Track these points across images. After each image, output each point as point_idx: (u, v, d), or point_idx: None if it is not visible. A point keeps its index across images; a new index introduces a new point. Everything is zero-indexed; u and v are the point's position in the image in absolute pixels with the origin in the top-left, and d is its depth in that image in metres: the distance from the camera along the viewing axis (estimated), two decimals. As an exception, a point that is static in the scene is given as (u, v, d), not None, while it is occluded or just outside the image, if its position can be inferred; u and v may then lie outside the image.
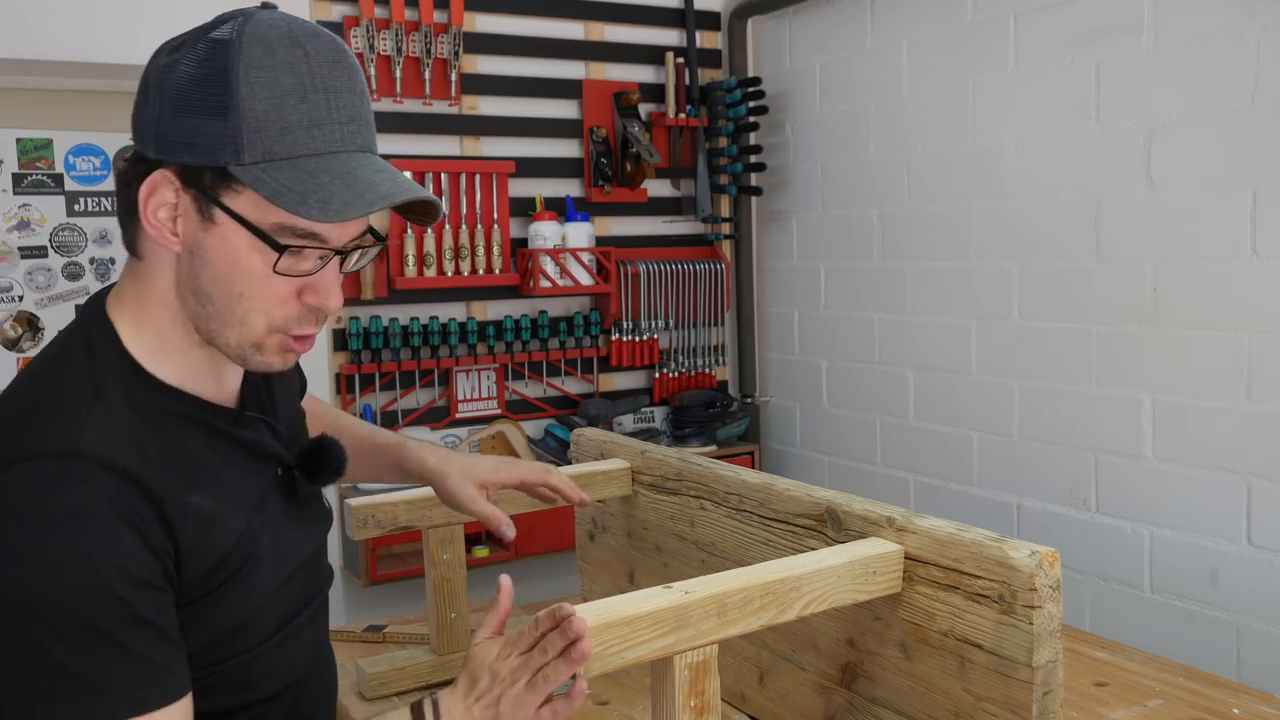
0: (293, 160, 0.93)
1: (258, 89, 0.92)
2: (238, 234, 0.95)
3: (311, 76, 0.95)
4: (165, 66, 0.95)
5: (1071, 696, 1.57)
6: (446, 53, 3.18)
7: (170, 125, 0.94)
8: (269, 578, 1.07)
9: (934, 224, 3.07)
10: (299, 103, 0.94)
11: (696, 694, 1.11)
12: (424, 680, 1.70)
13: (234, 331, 0.99)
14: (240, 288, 0.97)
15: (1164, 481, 2.50)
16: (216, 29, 0.95)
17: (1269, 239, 2.28)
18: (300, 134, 0.94)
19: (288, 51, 0.94)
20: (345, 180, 0.95)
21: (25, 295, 2.96)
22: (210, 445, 1.04)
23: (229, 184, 0.94)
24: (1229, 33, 2.32)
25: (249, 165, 0.92)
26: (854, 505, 1.32)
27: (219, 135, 0.92)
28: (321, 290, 1.00)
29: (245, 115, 0.92)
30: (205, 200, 0.95)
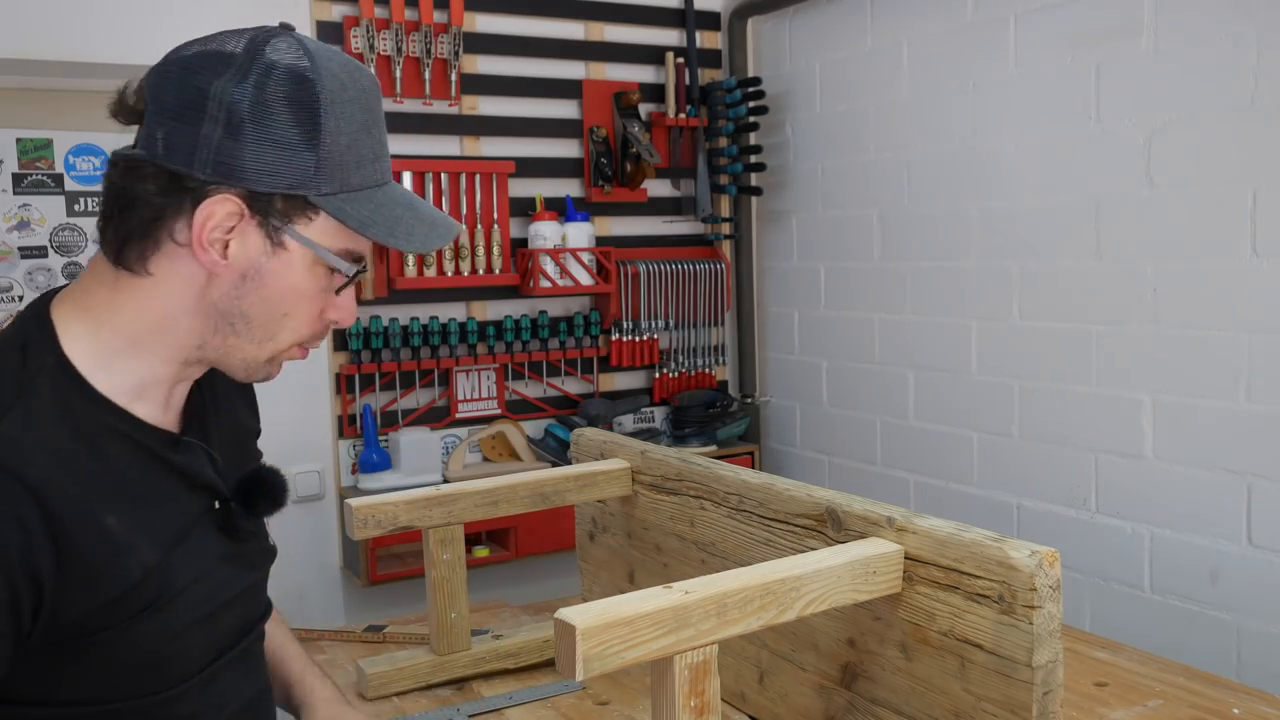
0: (364, 192, 0.99)
1: (342, 124, 0.96)
2: (303, 258, 0.99)
3: (370, 112, 1.00)
4: (231, 91, 0.94)
5: (1071, 696, 1.57)
6: (446, 53, 3.18)
7: (241, 151, 0.94)
8: (187, 614, 1.03)
9: (934, 224, 3.07)
10: (366, 136, 0.99)
11: (696, 694, 1.11)
12: (424, 680, 1.70)
13: (257, 348, 1.02)
14: (288, 309, 1.01)
15: (1164, 481, 2.51)
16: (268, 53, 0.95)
17: (1269, 239, 2.28)
18: (368, 167, 0.99)
19: (354, 86, 0.98)
20: (412, 211, 1.02)
21: (25, 295, 2.96)
22: (141, 468, 1.01)
23: (303, 211, 0.97)
24: (1229, 33, 2.32)
25: (328, 195, 0.96)
26: (854, 505, 1.32)
27: (301, 165, 0.95)
28: (344, 307, 1.05)
29: (330, 148, 0.95)
30: (274, 226, 0.97)
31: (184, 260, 0.98)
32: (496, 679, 1.73)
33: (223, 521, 1.09)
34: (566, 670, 1.04)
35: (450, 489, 1.71)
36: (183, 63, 0.98)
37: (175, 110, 0.96)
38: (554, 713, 1.61)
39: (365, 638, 1.93)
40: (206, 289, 0.99)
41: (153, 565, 0.98)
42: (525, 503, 1.74)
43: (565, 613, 1.04)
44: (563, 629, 1.03)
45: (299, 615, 3.00)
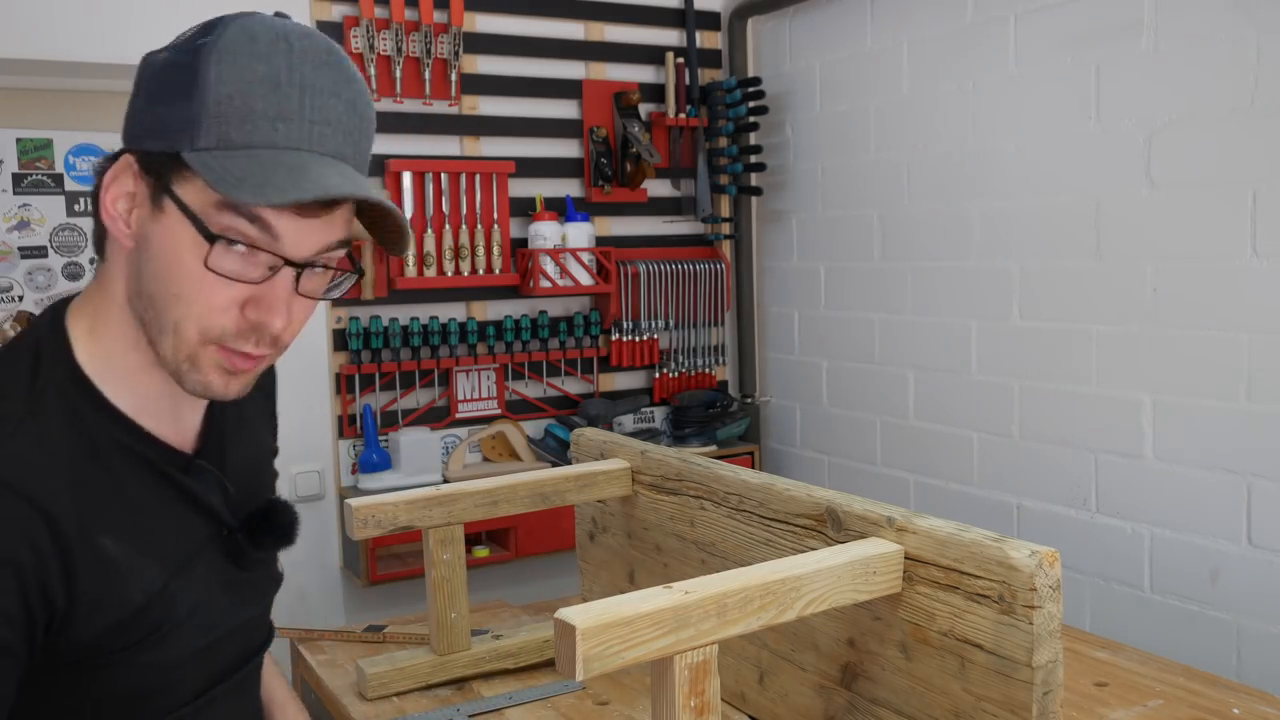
0: (249, 150, 0.86)
1: (226, 73, 0.85)
2: (182, 225, 0.87)
3: (289, 70, 0.87)
4: (148, 54, 0.92)
5: (1071, 696, 1.57)
6: (446, 53, 3.18)
7: (140, 112, 0.89)
8: (186, 644, 0.98)
9: (934, 224, 3.07)
10: (268, 93, 0.86)
11: (696, 694, 1.11)
12: (424, 680, 1.70)
13: (168, 341, 0.90)
14: (177, 287, 0.88)
15: (1164, 481, 2.50)
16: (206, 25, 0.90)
17: (1269, 239, 2.28)
18: (262, 124, 0.86)
19: (270, 44, 0.87)
20: (294, 172, 0.86)
21: (25, 295, 2.96)
22: (149, 489, 0.95)
23: (181, 170, 0.86)
24: (1229, 33, 2.32)
25: (201, 150, 0.85)
26: (854, 505, 1.32)
27: (181, 120, 0.86)
28: (265, 304, 0.89)
29: (208, 99, 0.85)
30: (158, 188, 0.88)
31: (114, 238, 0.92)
32: (496, 679, 1.73)
33: (229, 548, 1.04)
34: (566, 670, 1.04)
35: (450, 489, 1.71)
36: None
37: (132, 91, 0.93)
38: (554, 713, 1.61)
39: (365, 638, 1.93)
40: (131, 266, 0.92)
41: (155, 590, 0.94)
42: (525, 503, 1.74)
43: (565, 613, 1.04)
44: (563, 629, 1.03)
45: (299, 615, 3.00)
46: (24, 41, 2.73)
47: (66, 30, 2.77)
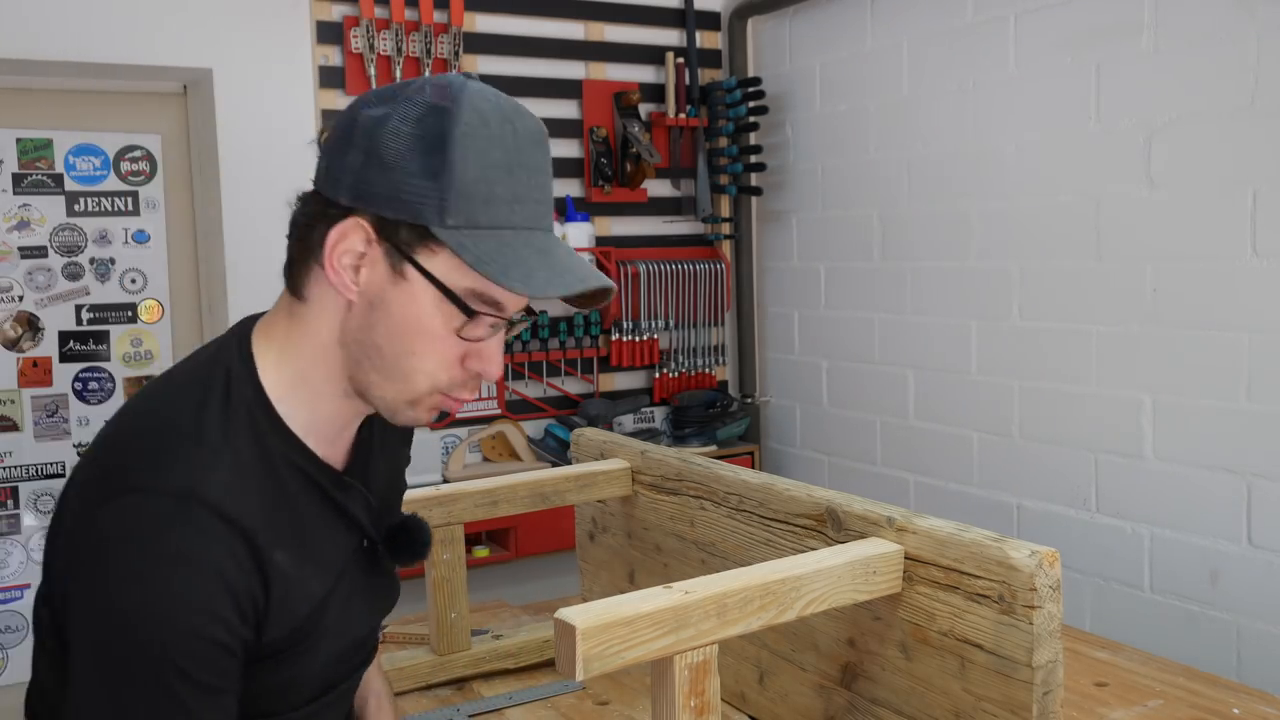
0: (493, 230, 0.95)
1: (471, 156, 0.93)
2: (425, 293, 0.96)
3: (519, 153, 0.96)
4: (376, 119, 0.95)
5: (1071, 696, 1.57)
6: (446, 53, 3.18)
7: (375, 177, 0.94)
8: (325, 652, 1.05)
9: (934, 224, 3.07)
10: (505, 176, 0.95)
11: (696, 694, 1.11)
12: (424, 680, 1.70)
13: (394, 386, 1.00)
14: (413, 345, 0.98)
15: (1164, 481, 2.50)
16: (426, 91, 0.95)
17: (1269, 239, 2.28)
18: (502, 207, 0.96)
19: (500, 126, 0.96)
20: (544, 257, 0.97)
21: (25, 295, 2.96)
22: (311, 503, 1.02)
23: (426, 243, 0.95)
24: (1229, 33, 2.32)
25: (451, 229, 0.94)
26: (854, 505, 1.32)
27: (426, 194, 0.93)
28: (486, 357, 1.01)
29: (456, 180, 0.93)
30: (398, 255, 0.95)
31: (329, 286, 0.99)
32: (496, 679, 1.73)
33: (368, 560, 1.11)
34: (566, 670, 1.04)
35: (450, 489, 1.71)
36: (358, 99, 1.01)
37: (333, 140, 0.98)
38: (554, 713, 1.61)
39: (365, 638, 1.93)
40: (347, 317, 0.99)
41: (319, 596, 1.01)
42: (525, 503, 1.74)
43: (565, 613, 1.04)
44: (563, 629, 1.03)
45: (299, 615, 3.00)
46: (24, 41, 2.73)
47: (66, 30, 2.77)
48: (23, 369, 2.97)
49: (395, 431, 1.19)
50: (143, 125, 3.06)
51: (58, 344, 3.00)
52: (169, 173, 3.10)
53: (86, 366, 3.04)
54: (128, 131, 3.05)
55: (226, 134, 2.96)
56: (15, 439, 2.97)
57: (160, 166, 3.09)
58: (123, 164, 3.05)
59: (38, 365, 2.99)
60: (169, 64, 2.88)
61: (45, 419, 3.00)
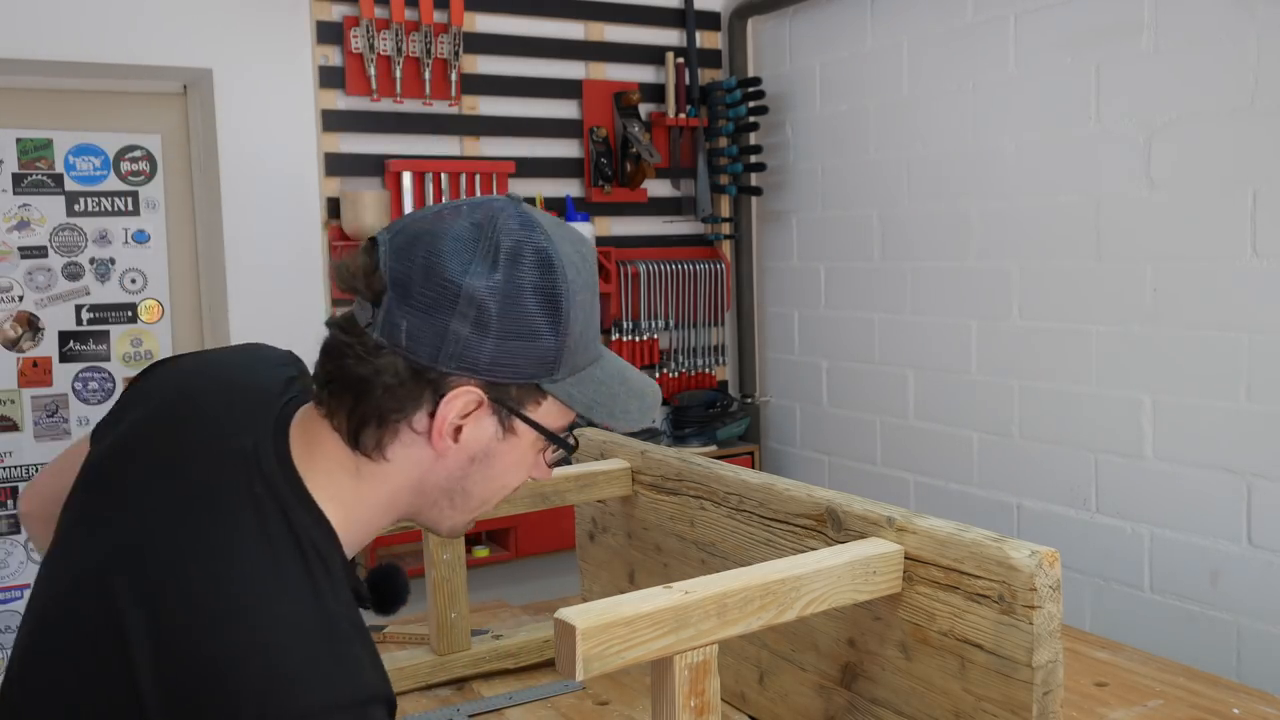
0: (586, 371, 1.00)
1: (579, 313, 0.96)
2: (527, 438, 1.00)
3: (593, 289, 1.00)
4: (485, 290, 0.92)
5: (1071, 696, 1.57)
6: (446, 53, 3.18)
7: (485, 345, 0.93)
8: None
9: (934, 224, 3.07)
10: (592, 316, 0.99)
11: (696, 694, 1.11)
12: (424, 680, 1.70)
13: (467, 515, 1.04)
14: (510, 481, 1.03)
15: (1164, 481, 2.50)
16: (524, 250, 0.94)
17: (1269, 239, 2.28)
18: (592, 346, 1.01)
19: (582, 265, 0.98)
20: (625, 385, 1.04)
21: (25, 295, 2.96)
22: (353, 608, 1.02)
23: (534, 397, 0.98)
24: (1229, 33, 2.32)
25: (559, 381, 0.97)
26: (854, 505, 1.32)
27: (542, 356, 0.95)
28: (546, 469, 1.08)
29: (571, 337, 0.96)
30: (507, 412, 0.98)
31: (418, 445, 0.98)
32: (496, 679, 1.73)
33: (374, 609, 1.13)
34: (566, 670, 1.04)
35: (450, 489, 1.71)
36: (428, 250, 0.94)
37: (424, 304, 0.93)
38: (554, 713, 1.61)
39: (365, 638, 1.93)
40: (432, 469, 1.00)
41: None
42: (525, 503, 1.74)
43: (565, 613, 1.04)
44: (563, 629, 1.03)
45: (299, 615, 3.00)
46: (24, 41, 2.73)
47: (66, 30, 2.77)
48: (23, 369, 2.97)
49: None
50: (143, 125, 3.06)
51: (58, 344, 3.00)
52: (169, 173, 3.10)
53: (86, 366, 3.04)
54: (128, 131, 3.05)
55: (226, 134, 2.96)
56: (15, 439, 2.97)
57: (160, 166, 3.09)
58: (123, 164, 3.05)
59: (38, 365, 2.99)
60: (169, 64, 2.88)
61: (45, 419, 3.00)
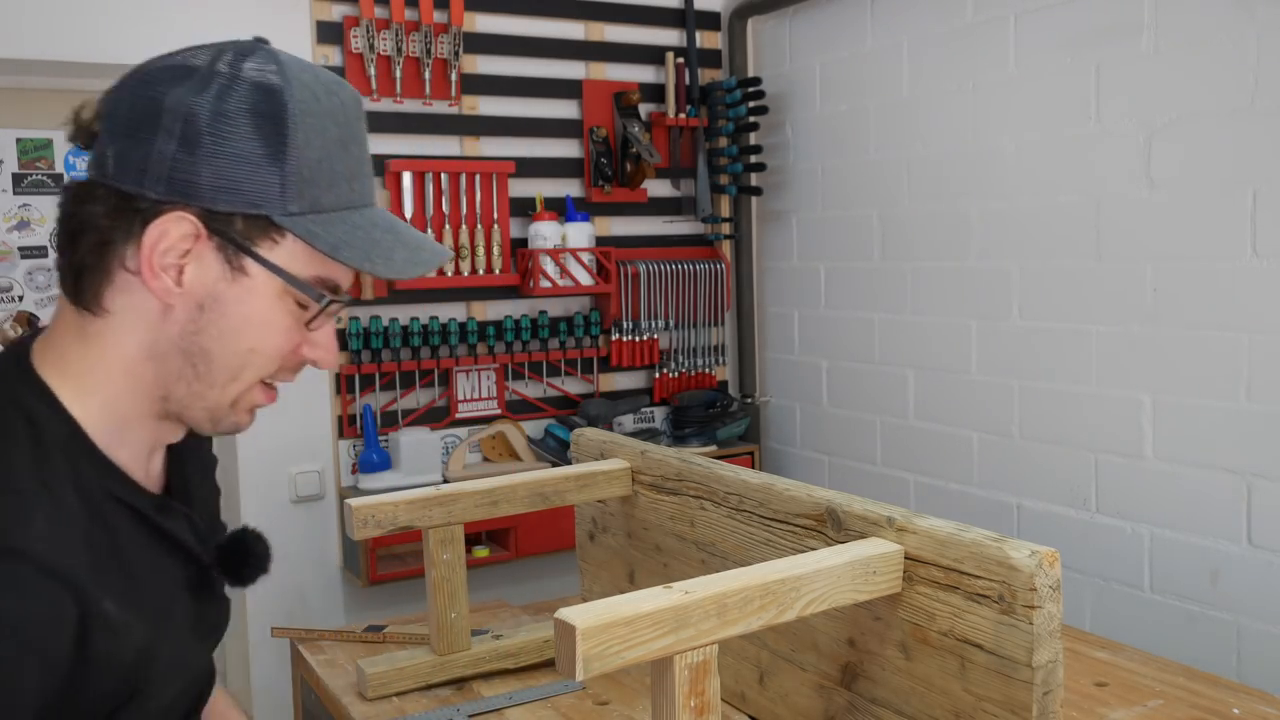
0: (338, 213, 0.90)
1: (312, 137, 0.87)
2: (268, 286, 0.89)
3: (349, 126, 0.91)
4: (191, 101, 0.86)
5: (1071, 696, 1.57)
6: (446, 53, 3.18)
7: (198, 166, 0.85)
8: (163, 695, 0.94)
9: (934, 224, 3.07)
10: (342, 153, 0.90)
11: (696, 694, 1.11)
12: (424, 680, 1.70)
13: (220, 392, 0.92)
14: (254, 342, 0.91)
15: (1164, 481, 2.50)
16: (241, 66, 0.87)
17: (1269, 239, 2.28)
18: (344, 186, 0.90)
19: (329, 99, 0.90)
20: (395, 236, 0.93)
21: (25, 295, 2.96)
22: (138, 540, 0.92)
23: (267, 233, 0.88)
24: (1229, 33, 2.32)
25: (296, 216, 0.87)
26: (854, 505, 1.32)
27: (265, 181, 0.86)
28: (323, 345, 0.97)
29: (299, 163, 0.86)
30: (234, 249, 0.87)
31: (138, 292, 0.88)
32: (496, 679, 1.73)
33: (199, 586, 1.01)
34: (566, 670, 1.04)
35: (450, 489, 1.71)
36: (140, 76, 0.90)
37: (128, 125, 0.88)
38: (554, 713, 1.61)
39: (365, 638, 1.93)
40: (162, 324, 0.89)
41: (143, 648, 0.90)
42: (525, 503, 1.74)
43: (565, 613, 1.04)
44: (563, 629, 1.03)
45: (299, 615, 3.00)
46: (24, 41, 2.73)
47: (66, 30, 2.77)
48: (23, 369, 2.97)
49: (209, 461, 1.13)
50: (143, 125, 3.06)
51: (58, 344, 3.00)
52: (169, 173, 3.10)
53: (86, 366, 3.04)
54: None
55: (226, 134, 2.96)
56: (15, 439, 2.97)
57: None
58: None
59: (38, 365, 2.99)
60: (169, 64, 2.88)
61: (45, 419, 3.00)
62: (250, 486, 2.98)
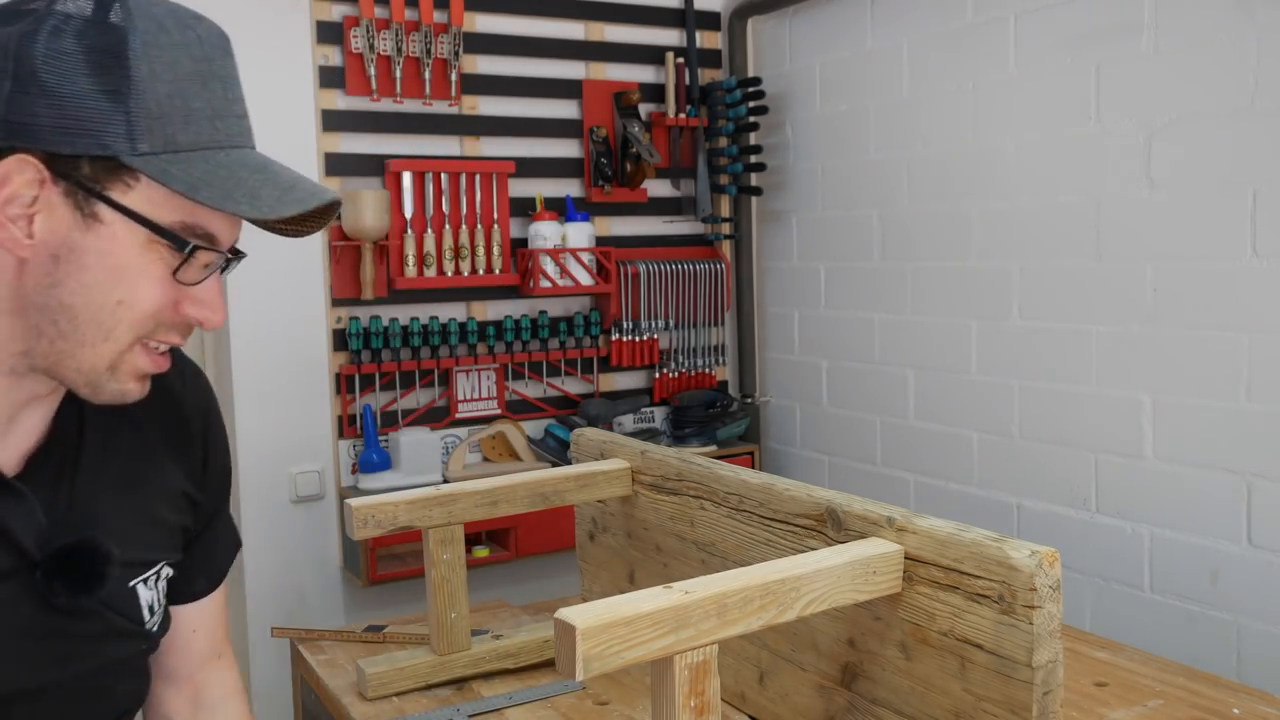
0: (199, 153, 0.83)
1: (159, 70, 0.80)
2: (127, 234, 0.83)
3: (209, 62, 0.84)
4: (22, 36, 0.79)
5: (1071, 696, 1.57)
6: (446, 53, 3.18)
7: (34, 106, 0.79)
8: None
9: (934, 224, 3.07)
10: (200, 89, 0.83)
11: (696, 694, 1.11)
12: (424, 680, 1.70)
13: (92, 351, 0.85)
14: (122, 295, 0.84)
15: (1164, 481, 2.50)
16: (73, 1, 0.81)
17: (1269, 239, 2.28)
18: (204, 124, 0.83)
19: (182, 33, 0.83)
20: (264, 175, 0.86)
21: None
22: None
23: (119, 176, 0.82)
24: (1229, 33, 2.32)
25: (148, 155, 0.80)
26: (854, 505, 1.32)
27: (109, 119, 0.79)
28: (205, 302, 0.88)
29: (146, 99, 0.80)
30: (84, 194, 0.81)
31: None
32: (496, 679, 1.73)
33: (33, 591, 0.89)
34: (566, 670, 1.04)
35: (450, 489, 1.71)
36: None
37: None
38: (554, 713, 1.61)
39: (365, 638, 1.93)
40: (18, 279, 0.83)
41: None
42: (525, 503, 1.74)
43: (565, 613, 1.04)
44: (563, 629, 1.03)
45: (299, 615, 3.00)
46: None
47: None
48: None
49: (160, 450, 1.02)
50: (143, 125, 3.06)
51: (58, 344, 3.00)
52: (169, 173, 3.09)
53: (86, 366, 3.03)
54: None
55: (226, 134, 2.96)
56: (15, 439, 2.96)
57: None
58: None
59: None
60: (169, 64, 2.88)
61: (45, 419, 3.00)
62: (250, 487, 2.98)
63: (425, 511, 1.68)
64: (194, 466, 1.06)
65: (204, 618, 1.11)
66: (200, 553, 1.07)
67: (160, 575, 0.99)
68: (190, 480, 1.05)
